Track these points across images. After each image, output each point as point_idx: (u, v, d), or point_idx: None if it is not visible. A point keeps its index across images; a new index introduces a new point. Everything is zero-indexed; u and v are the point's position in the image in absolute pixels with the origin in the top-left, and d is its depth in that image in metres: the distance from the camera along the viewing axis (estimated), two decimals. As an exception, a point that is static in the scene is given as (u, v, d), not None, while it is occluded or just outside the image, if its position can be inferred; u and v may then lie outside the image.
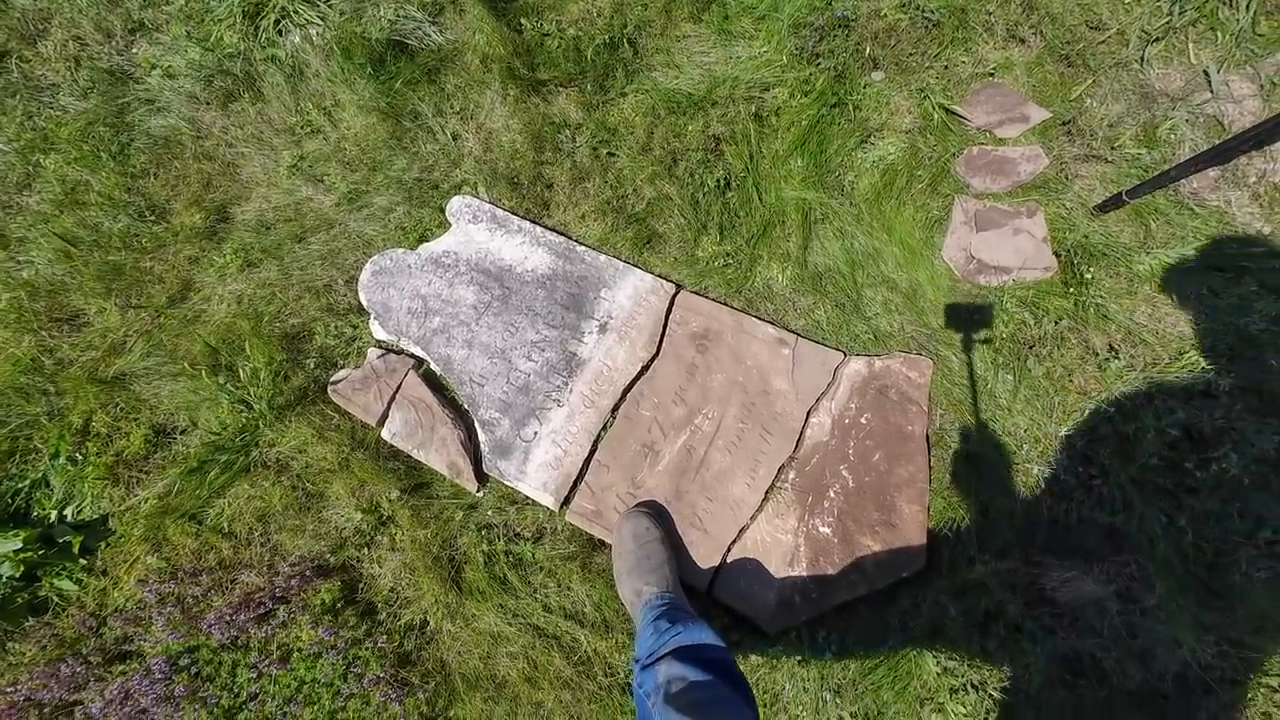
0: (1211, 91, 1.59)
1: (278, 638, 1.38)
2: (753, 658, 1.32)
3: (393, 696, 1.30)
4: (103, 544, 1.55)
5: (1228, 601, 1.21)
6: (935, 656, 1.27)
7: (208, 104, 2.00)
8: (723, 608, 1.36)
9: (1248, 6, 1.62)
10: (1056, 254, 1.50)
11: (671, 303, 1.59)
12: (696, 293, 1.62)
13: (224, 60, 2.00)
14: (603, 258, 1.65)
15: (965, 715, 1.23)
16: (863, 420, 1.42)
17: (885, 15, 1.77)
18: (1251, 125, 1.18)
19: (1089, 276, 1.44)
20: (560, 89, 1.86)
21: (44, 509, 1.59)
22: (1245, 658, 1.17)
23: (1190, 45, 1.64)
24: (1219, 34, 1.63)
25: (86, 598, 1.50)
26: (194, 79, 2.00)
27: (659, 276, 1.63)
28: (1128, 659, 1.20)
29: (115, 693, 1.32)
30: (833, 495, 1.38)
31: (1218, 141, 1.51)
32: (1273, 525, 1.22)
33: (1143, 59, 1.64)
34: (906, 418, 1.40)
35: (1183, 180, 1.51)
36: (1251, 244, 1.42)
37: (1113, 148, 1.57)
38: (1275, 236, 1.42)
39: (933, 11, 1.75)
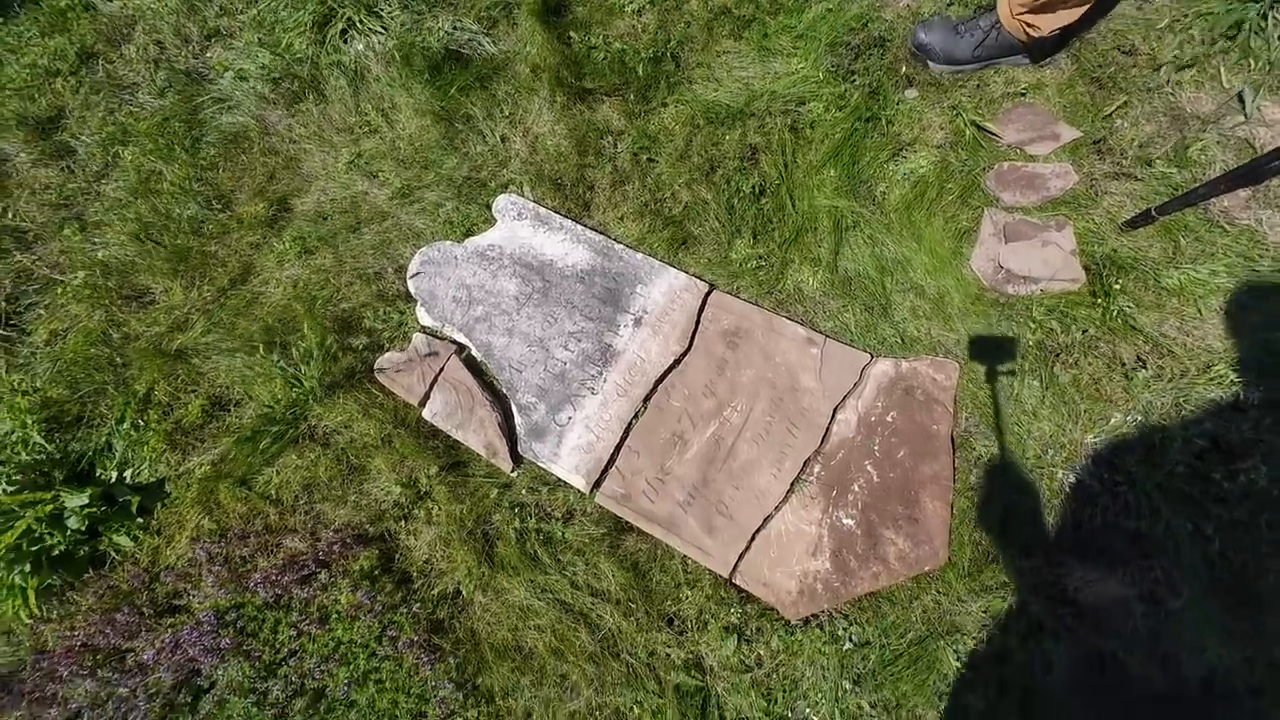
0: (1245, 115, 1.62)
1: (318, 600, 1.45)
2: (773, 643, 1.34)
3: (424, 661, 1.35)
4: (159, 505, 1.65)
5: (1255, 610, 1.21)
6: (955, 651, 1.29)
7: (275, 104, 2.14)
8: (744, 594, 1.39)
9: (1279, 36, 1.66)
10: (1085, 267, 1.54)
11: (704, 301, 1.65)
12: (729, 293, 1.68)
13: (292, 64, 2.15)
14: (640, 256, 1.73)
15: (984, 712, 1.24)
16: (889, 419, 1.46)
17: (920, 36, 1.84)
18: (1281, 143, 1.22)
19: (1117, 288, 1.47)
20: (605, 98, 1.96)
21: (106, 470, 1.69)
22: (1272, 667, 1.17)
23: (1223, 71, 1.67)
24: (1252, 61, 1.66)
25: (141, 554, 1.59)
26: (263, 80, 2.15)
27: (693, 276, 1.70)
28: (1151, 662, 1.20)
29: (166, 641, 1.40)
30: (857, 489, 1.41)
31: (1245, 156, 1.55)
32: (1302, 537, 1.23)
33: (1175, 83, 1.68)
34: (932, 417, 1.44)
35: (1213, 200, 1.53)
36: (1282, 262, 1.44)
37: (1147, 164, 1.61)
38: (1306, 255, 1.44)
39: (966, 33, 1.82)
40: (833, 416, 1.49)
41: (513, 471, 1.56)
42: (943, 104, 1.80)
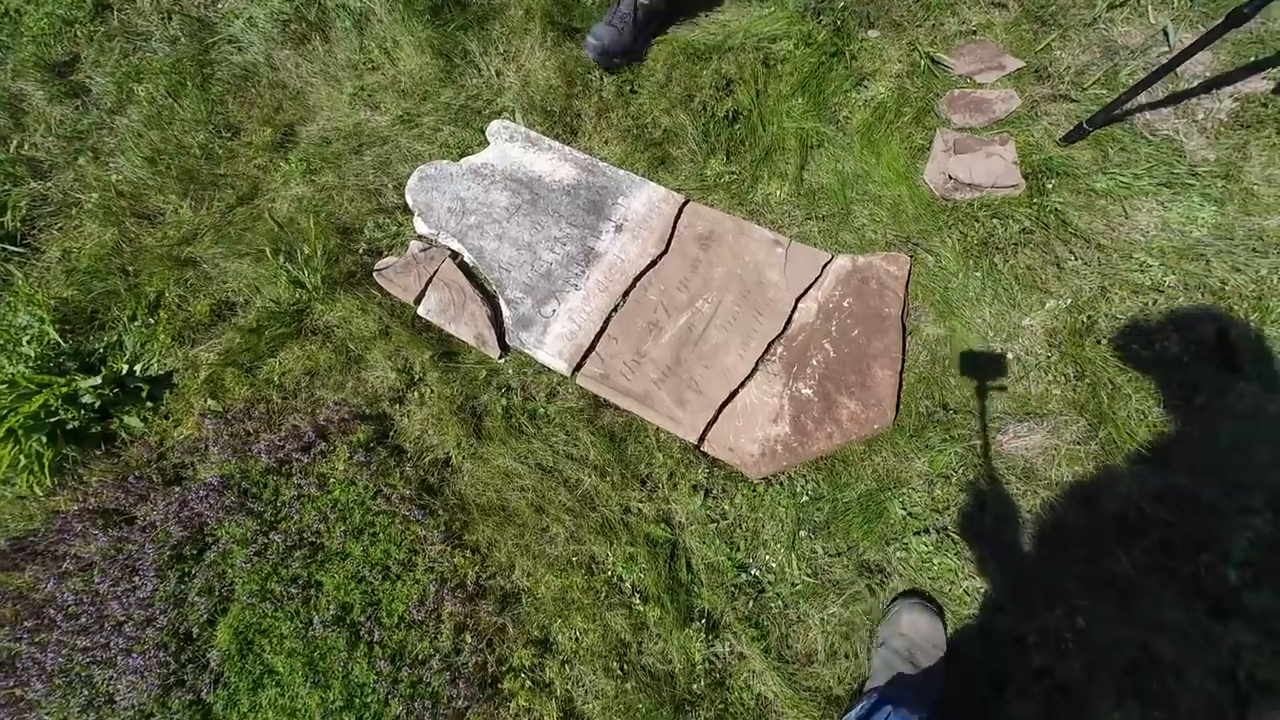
0: (1169, 45, 1.79)
1: (317, 467, 1.56)
2: (737, 499, 1.47)
3: (415, 515, 1.46)
4: (167, 393, 1.75)
5: (1165, 455, 1.34)
6: (901, 502, 1.41)
7: (283, 44, 2.28)
8: (710, 459, 1.52)
9: (1199, -23, 1.84)
10: (1025, 175, 1.69)
11: (681, 210, 1.79)
12: (703, 203, 1.82)
13: (300, 8, 2.29)
14: (622, 172, 1.87)
15: (927, 552, 1.37)
16: (845, 304, 1.60)
17: (881, -19, 2.01)
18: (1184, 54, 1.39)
19: (1050, 187, 1.62)
20: (592, 37, 2.11)
21: (117, 363, 1.80)
22: (1180, 502, 1.30)
23: (1150, 9, 1.85)
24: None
25: (150, 436, 1.70)
26: (273, 23, 2.29)
27: (671, 190, 1.84)
28: (1073, 502, 1.33)
29: (174, 501, 1.50)
30: (815, 364, 1.54)
31: (1170, 83, 1.71)
32: (1206, 392, 1.36)
33: (1107, 20, 1.85)
34: (884, 302, 1.57)
35: (1139, 115, 1.70)
36: (1197, 166, 1.60)
37: (1082, 90, 1.77)
38: (1218, 161, 1.60)
39: (923, -21, 1.99)
40: (795, 305, 1.63)
41: (500, 359, 1.68)
42: (901, 41, 1.96)
